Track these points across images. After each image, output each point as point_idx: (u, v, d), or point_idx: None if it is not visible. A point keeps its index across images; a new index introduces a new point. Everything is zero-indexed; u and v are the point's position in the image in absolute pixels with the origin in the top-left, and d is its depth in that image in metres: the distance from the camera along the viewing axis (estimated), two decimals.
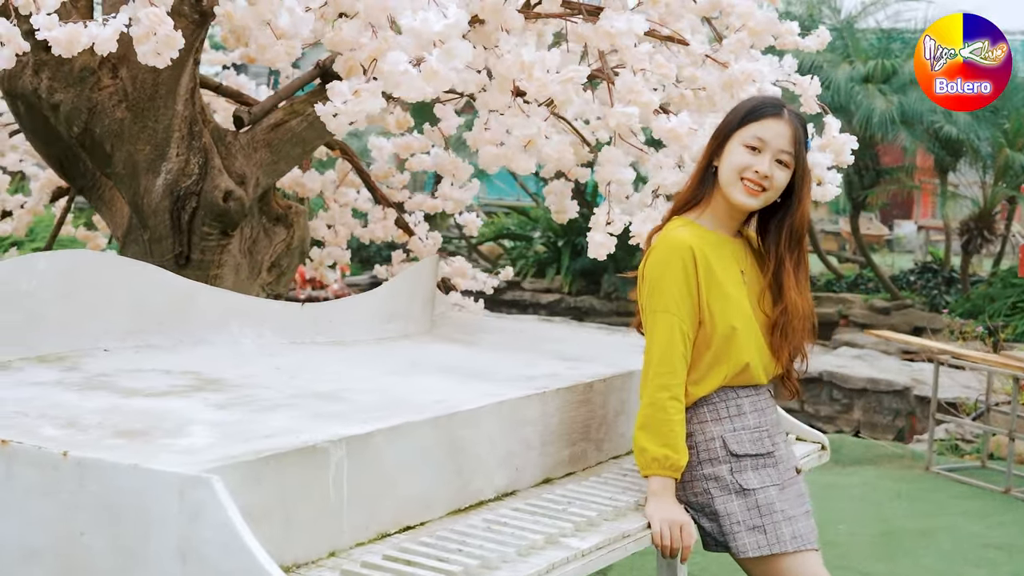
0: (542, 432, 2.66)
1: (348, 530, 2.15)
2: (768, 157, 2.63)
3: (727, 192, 2.65)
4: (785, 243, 2.70)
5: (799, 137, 2.67)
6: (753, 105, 2.69)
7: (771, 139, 2.64)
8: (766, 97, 2.75)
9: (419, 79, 2.63)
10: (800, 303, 2.69)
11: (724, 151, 2.66)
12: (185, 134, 4.11)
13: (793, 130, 2.66)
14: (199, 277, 4.18)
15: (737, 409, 2.63)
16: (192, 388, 2.47)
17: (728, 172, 2.64)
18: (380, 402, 2.47)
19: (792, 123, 2.67)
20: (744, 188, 2.64)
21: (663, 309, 2.57)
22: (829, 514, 5.31)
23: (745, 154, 2.63)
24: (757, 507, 2.58)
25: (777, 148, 2.64)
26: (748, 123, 2.65)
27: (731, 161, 2.63)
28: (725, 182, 2.65)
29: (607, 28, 3.14)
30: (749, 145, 2.63)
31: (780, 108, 2.67)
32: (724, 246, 2.68)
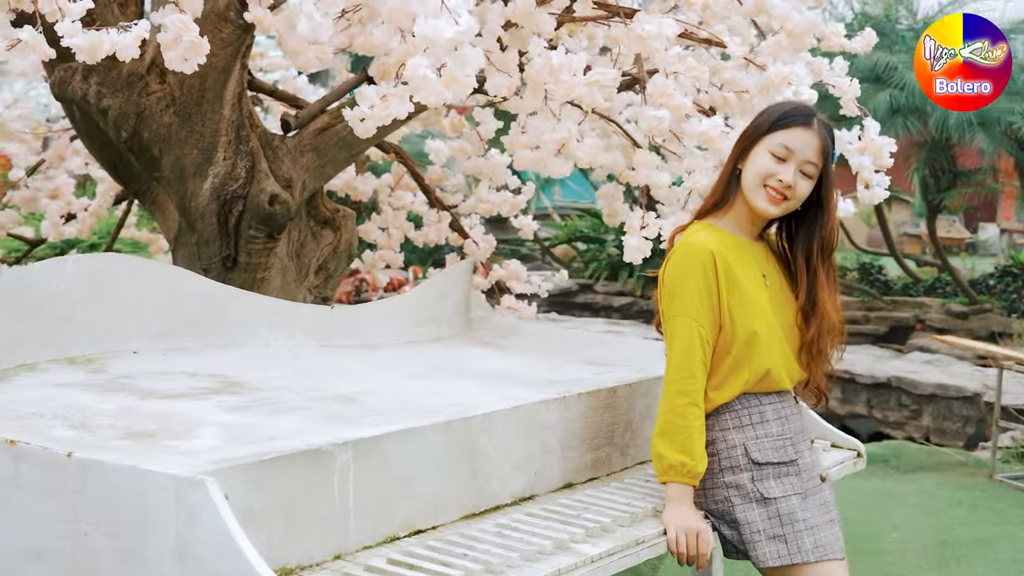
0: (562, 437, 2.65)
1: (355, 533, 2.15)
2: (793, 166, 2.60)
3: (749, 198, 2.63)
4: (818, 254, 2.67)
5: (827, 148, 2.64)
6: (783, 112, 2.65)
7: (798, 148, 2.61)
8: (797, 104, 2.71)
9: (439, 84, 2.63)
10: (835, 316, 2.66)
11: (750, 156, 2.63)
12: (232, 138, 4.16)
13: (821, 141, 2.63)
14: (246, 280, 4.24)
15: (760, 416, 2.60)
16: (210, 390, 2.50)
17: (752, 178, 2.61)
18: (395, 405, 2.48)
19: (820, 133, 2.63)
20: (767, 195, 2.61)
21: (683, 314, 2.54)
22: (884, 521, 5.24)
23: (770, 161, 2.60)
24: (778, 516, 2.54)
25: (803, 158, 2.61)
26: (776, 130, 2.62)
27: (756, 167, 2.61)
28: (748, 187, 2.62)
29: (638, 31, 3.12)
30: (775, 153, 2.60)
31: (810, 117, 2.63)
32: (745, 250, 2.65)
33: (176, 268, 2.89)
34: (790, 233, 2.73)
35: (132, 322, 2.84)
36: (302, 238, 4.46)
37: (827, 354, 2.69)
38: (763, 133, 2.64)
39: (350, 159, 4.51)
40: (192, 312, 2.92)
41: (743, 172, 2.65)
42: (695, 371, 2.53)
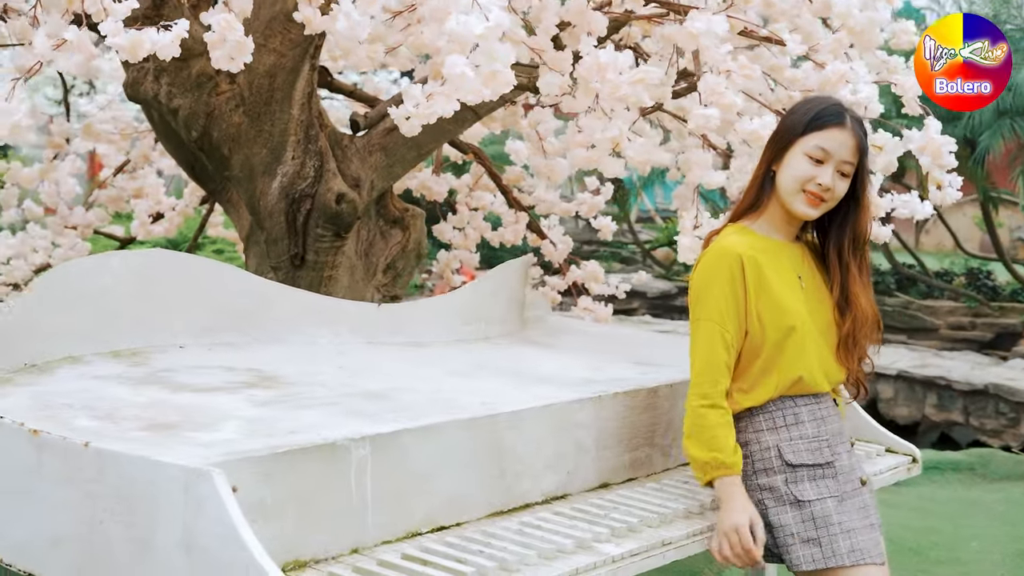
0: (597, 436, 2.64)
1: (373, 528, 2.16)
2: (831, 168, 2.57)
3: (787, 202, 2.59)
4: (849, 249, 2.63)
5: (862, 146, 2.60)
6: (816, 112, 2.61)
7: (835, 150, 2.57)
8: (827, 102, 2.66)
9: (477, 82, 2.63)
10: (869, 309, 2.62)
11: (785, 159, 2.59)
12: (301, 138, 4.22)
13: (856, 139, 2.59)
14: (313, 278, 4.29)
15: (795, 418, 2.56)
16: (245, 384, 2.53)
17: (790, 182, 2.58)
18: (425, 402, 2.49)
19: (855, 131, 2.59)
20: (806, 199, 2.58)
21: (706, 317, 2.51)
22: (964, 530, 5.11)
23: (808, 165, 2.57)
24: (812, 519, 2.49)
25: (840, 159, 2.57)
26: (811, 132, 2.58)
27: (793, 171, 2.57)
28: (786, 192, 2.58)
29: (690, 29, 3.09)
30: (812, 156, 2.56)
31: (843, 116, 2.59)
32: (780, 252, 2.61)
33: (223, 264, 2.93)
34: (823, 229, 2.68)
35: (179, 317, 2.89)
36: (371, 237, 4.50)
37: (864, 348, 2.65)
38: (798, 135, 2.59)
39: (418, 159, 4.54)
40: (239, 308, 2.96)
41: (779, 175, 2.61)
42: (717, 375, 2.50)
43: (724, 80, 3.11)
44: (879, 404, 9.65)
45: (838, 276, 2.64)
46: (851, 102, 3.24)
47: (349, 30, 2.56)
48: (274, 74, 4.17)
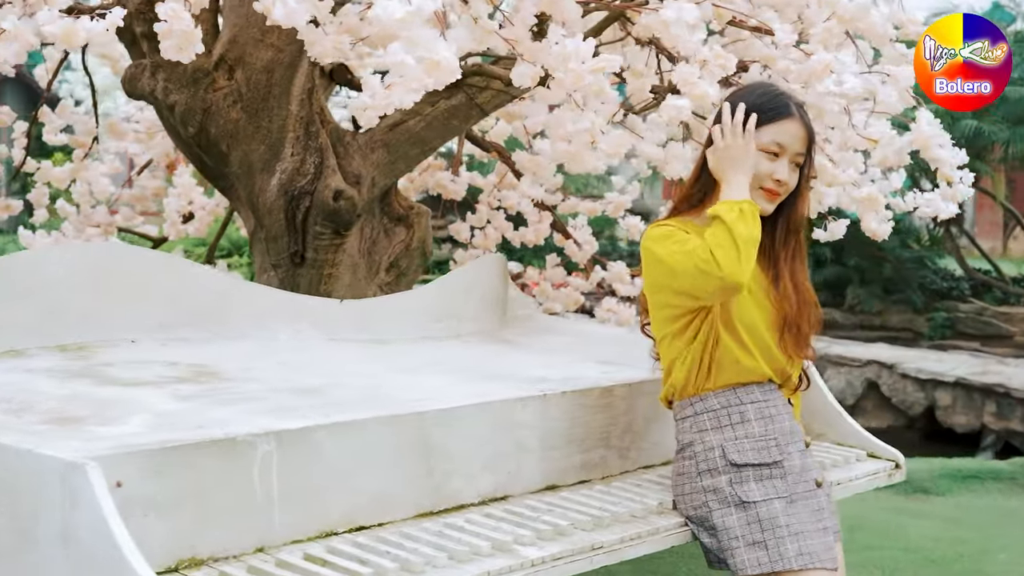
0: (543, 436, 2.55)
1: (281, 526, 2.11)
2: (786, 162, 2.49)
3: None
4: (781, 236, 2.54)
5: (811, 135, 2.51)
6: (769, 106, 2.51)
7: (789, 143, 2.50)
8: (773, 92, 2.56)
9: (419, 71, 2.57)
10: (806, 294, 2.52)
11: None
12: (301, 134, 4.18)
13: (807, 129, 2.52)
14: (313, 276, 4.26)
15: (740, 416, 2.45)
16: (177, 379, 2.49)
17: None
18: (357, 398, 2.43)
19: (804, 120, 2.52)
20: (764, 195, 2.49)
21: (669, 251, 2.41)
22: (994, 542, 4.93)
23: (765, 160, 2.48)
24: (758, 521, 2.39)
25: (794, 152, 2.50)
26: (765, 124, 2.48)
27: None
28: None
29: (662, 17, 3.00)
30: (768, 150, 2.47)
31: (791, 106, 2.51)
32: None
33: (182, 259, 2.91)
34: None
35: (134, 312, 2.86)
36: (374, 235, 4.45)
37: (807, 335, 2.55)
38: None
39: (422, 156, 4.48)
40: (199, 303, 2.93)
41: None
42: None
43: (698, 69, 3.01)
44: (936, 412, 9.40)
45: (775, 264, 2.54)
46: (836, 93, 3.13)
47: (287, 17, 2.51)
48: (272, 69, 4.14)
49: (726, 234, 2.32)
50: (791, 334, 2.52)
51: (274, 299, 3.03)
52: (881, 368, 9.66)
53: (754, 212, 2.37)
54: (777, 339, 2.50)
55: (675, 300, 2.45)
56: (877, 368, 9.69)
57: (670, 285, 2.42)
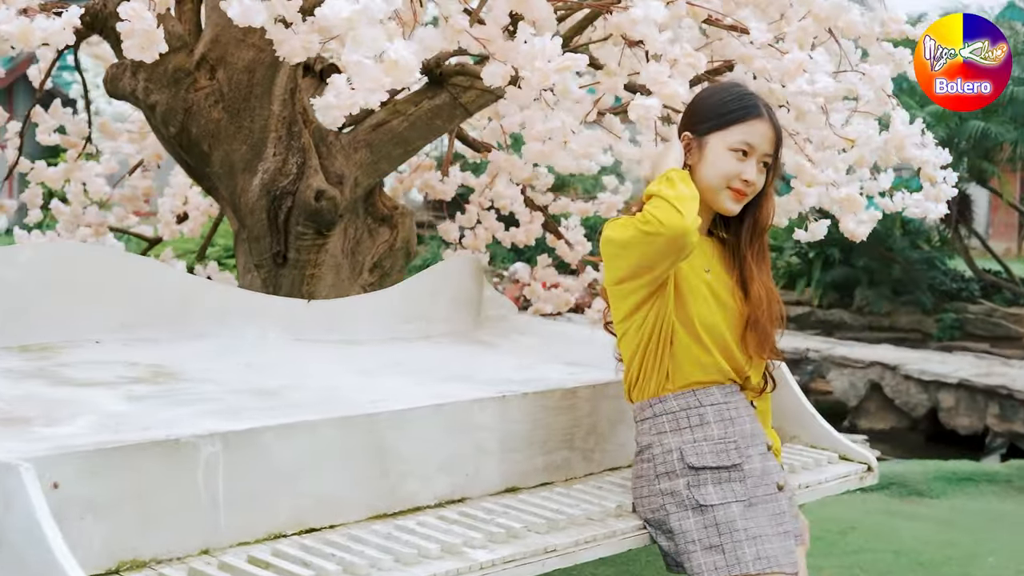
0: (503, 438, 2.53)
1: (227, 528, 2.09)
2: (755, 162, 2.47)
3: (710, 198, 2.48)
4: (747, 237, 2.53)
5: (779, 136, 2.50)
6: (738, 104, 2.49)
7: (758, 143, 2.48)
8: (740, 91, 2.55)
9: (377, 70, 2.56)
10: (769, 296, 2.50)
11: (705, 153, 2.47)
12: (283, 134, 4.17)
13: (775, 130, 2.50)
14: (296, 277, 4.24)
15: (700, 419, 2.43)
16: (134, 380, 2.48)
17: (715, 179, 2.47)
18: (313, 400, 2.41)
19: (773, 121, 2.51)
20: (732, 196, 2.47)
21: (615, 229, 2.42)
22: (984, 545, 4.90)
23: (733, 160, 2.46)
24: (715, 524, 2.36)
25: (762, 152, 2.49)
26: (733, 124, 2.47)
27: (719, 168, 2.47)
28: (709, 187, 2.47)
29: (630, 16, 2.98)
30: (737, 150, 2.45)
31: (760, 106, 2.50)
32: None
33: (150, 260, 2.90)
34: (726, 221, 2.57)
35: (99, 312, 2.85)
36: (358, 235, 4.43)
37: (771, 336, 2.53)
38: (718, 127, 2.48)
39: (405, 155, 4.46)
40: (165, 304, 2.92)
41: (699, 170, 2.49)
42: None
43: (667, 68, 2.99)
44: (939, 413, 9.34)
45: (740, 265, 2.53)
46: (808, 92, 3.10)
47: (243, 16, 2.49)
48: (253, 69, 4.13)
49: (658, 199, 2.34)
50: (754, 333, 2.50)
51: (241, 299, 3.01)
52: (884, 369, 9.61)
53: (682, 176, 2.40)
54: (739, 338, 2.48)
55: (633, 282, 2.43)
56: (880, 369, 9.64)
57: (625, 263, 2.41)
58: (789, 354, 10.36)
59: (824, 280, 15.98)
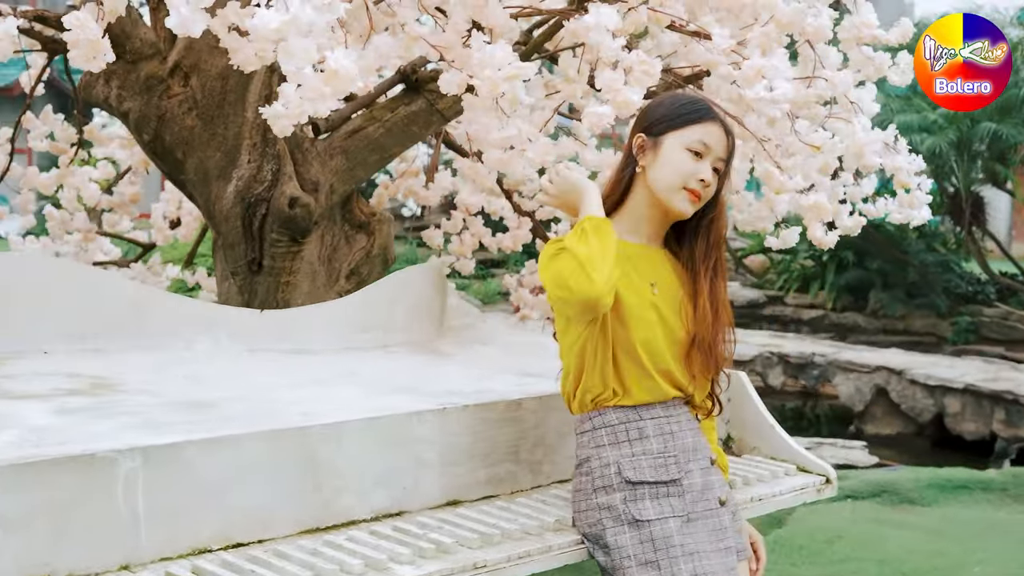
0: (443, 451, 2.51)
1: (149, 543, 2.07)
2: (709, 164, 2.43)
3: (665, 199, 2.43)
4: (702, 252, 2.48)
5: (732, 145, 2.46)
6: (695, 107, 2.47)
7: (714, 145, 2.44)
8: (694, 96, 2.53)
9: (317, 80, 2.54)
10: (710, 313, 2.44)
11: (658, 154, 2.44)
12: (257, 141, 4.16)
13: (729, 136, 2.47)
14: (271, 284, 4.24)
15: (639, 432, 2.39)
16: (69, 392, 2.46)
17: (672, 178, 2.42)
18: (247, 413, 2.39)
19: (726, 127, 2.47)
20: (688, 196, 2.43)
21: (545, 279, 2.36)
22: (973, 554, 4.84)
23: (689, 160, 2.42)
24: (651, 540, 2.33)
25: (716, 155, 2.45)
26: (690, 124, 2.44)
27: (675, 167, 2.42)
28: (666, 188, 2.43)
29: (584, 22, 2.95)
30: (693, 150, 2.42)
31: (714, 111, 2.47)
32: (633, 257, 2.45)
33: (99, 269, 2.88)
34: (680, 234, 2.53)
35: (50, 322, 2.84)
36: (335, 242, 4.42)
37: (719, 353, 2.48)
38: (672, 128, 2.45)
39: (382, 162, 4.45)
40: (116, 313, 2.90)
41: (652, 171, 2.45)
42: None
43: (621, 76, 2.96)
44: (945, 419, 9.25)
45: (694, 279, 2.48)
46: (767, 99, 3.06)
47: (181, 26, 2.47)
48: (227, 76, 4.13)
49: (570, 258, 2.27)
50: (700, 352, 2.45)
51: (194, 309, 3.00)
52: (890, 374, 9.53)
53: (597, 227, 2.32)
54: (683, 356, 2.44)
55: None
56: (886, 374, 9.56)
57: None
58: (794, 358, 10.31)
59: (838, 283, 15.86)
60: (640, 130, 2.50)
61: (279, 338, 3.04)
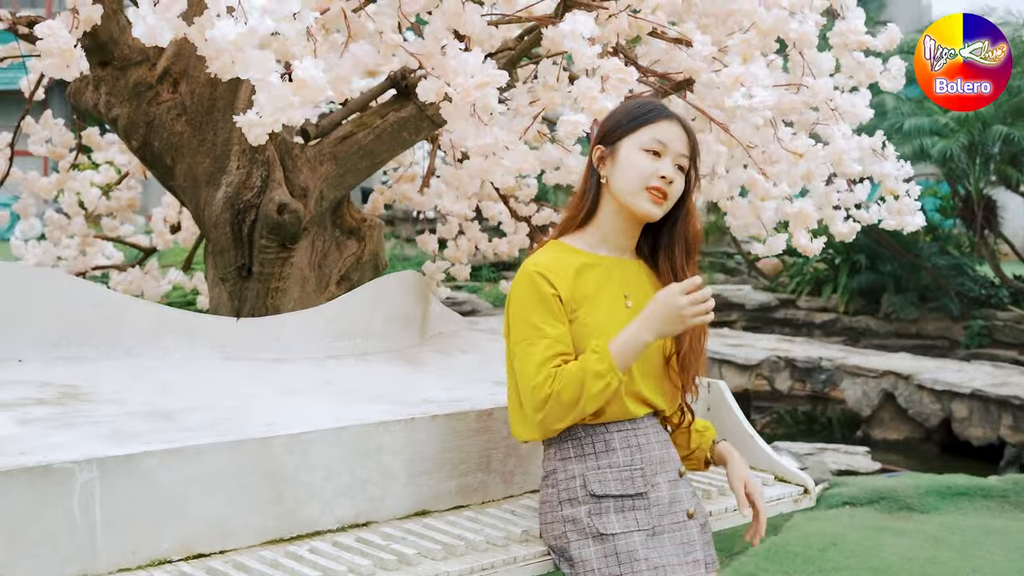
0: (410, 461, 2.50)
1: (107, 554, 2.07)
2: (670, 161, 2.40)
3: (630, 203, 2.41)
4: (682, 259, 2.46)
5: (693, 140, 2.43)
6: (646, 108, 2.45)
7: (671, 142, 2.41)
8: (649, 100, 2.51)
9: (286, 90, 2.53)
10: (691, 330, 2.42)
11: (617, 160, 2.42)
12: (247, 147, 4.16)
13: (688, 133, 2.44)
14: (260, 290, 4.23)
15: (605, 445, 2.37)
16: (36, 402, 2.46)
17: (632, 180, 2.40)
18: (211, 422, 2.38)
19: (685, 125, 2.44)
20: (650, 197, 2.40)
21: (522, 339, 2.34)
22: (970, 562, 4.80)
23: (647, 159, 2.40)
24: (615, 554, 2.31)
25: (676, 152, 2.42)
26: (643, 126, 2.42)
27: (633, 168, 2.40)
28: (628, 192, 2.41)
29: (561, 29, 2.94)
30: (649, 149, 2.40)
31: (669, 111, 2.45)
32: (605, 268, 2.43)
33: (75, 278, 2.87)
34: (654, 242, 2.51)
35: (28, 330, 2.84)
36: (325, 248, 4.41)
37: (696, 368, 2.47)
38: (628, 132, 2.43)
39: (372, 168, 4.44)
40: (92, 322, 2.90)
41: (613, 178, 2.43)
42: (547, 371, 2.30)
43: (597, 84, 2.95)
44: (953, 424, 9.19)
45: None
46: (745, 107, 3.05)
47: (148, 35, 2.47)
48: (216, 82, 4.13)
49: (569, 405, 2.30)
50: (681, 367, 2.46)
51: (173, 318, 2.99)
52: (897, 379, 9.47)
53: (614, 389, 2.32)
54: (658, 372, 2.43)
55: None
56: (893, 379, 9.50)
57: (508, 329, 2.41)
58: (801, 362, 10.26)
59: (850, 286, 15.78)
60: (598, 142, 2.48)
61: (257, 346, 3.03)
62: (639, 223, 2.47)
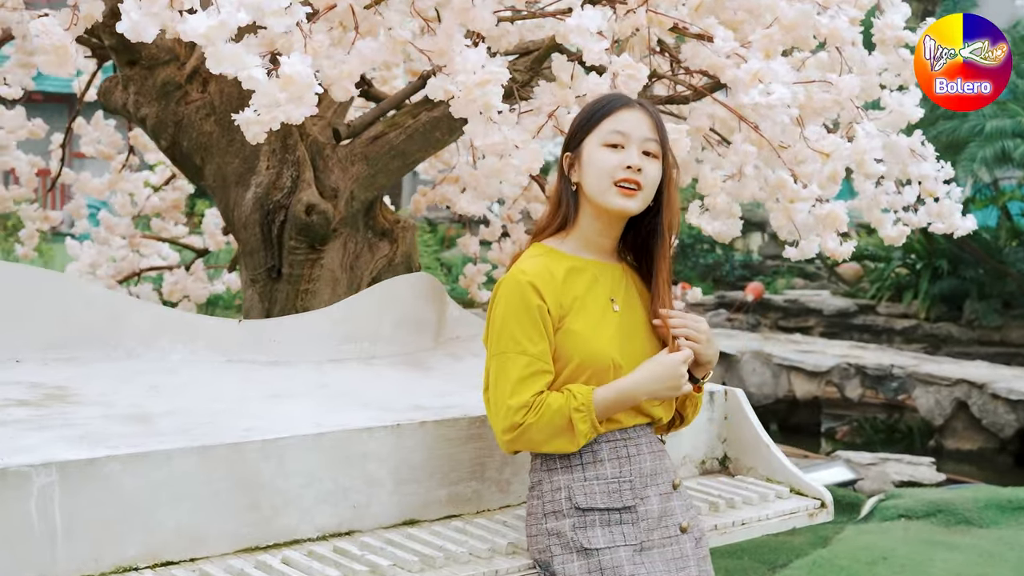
0: (396, 468, 2.42)
1: (67, 561, 2.03)
2: (635, 149, 2.30)
3: (601, 201, 2.31)
4: (661, 253, 2.36)
5: (659, 122, 2.34)
6: (602, 102, 2.36)
7: (631, 130, 2.31)
8: (607, 93, 2.41)
9: (273, 86, 2.48)
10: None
11: (582, 162, 2.33)
12: (277, 147, 4.13)
13: (651, 116, 2.34)
14: (290, 292, 4.20)
15: (592, 456, 2.27)
16: (19, 403, 2.43)
17: (598, 178, 2.30)
18: (184, 426, 2.32)
19: (648, 110, 2.34)
20: (620, 192, 2.29)
21: (503, 351, 2.25)
22: None
23: (608, 153, 2.30)
24: (600, 570, 2.21)
25: (641, 138, 2.31)
26: (599, 122, 2.32)
27: (597, 165, 2.30)
28: (597, 191, 2.31)
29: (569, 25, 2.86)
30: (610, 143, 2.30)
31: (627, 98, 2.35)
32: (591, 272, 2.34)
33: (76, 279, 2.84)
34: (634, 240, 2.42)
35: (28, 331, 2.82)
36: (358, 249, 4.36)
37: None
38: (587, 131, 2.34)
39: (404, 169, 4.39)
40: (91, 323, 2.87)
41: (583, 181, 2.34)
42: (524, 392, 2.22)
43: (608, 80, 2.86)
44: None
45: (655, 287, 2.38)
46: (764, 104, 2.93)
47: (133, 31, 2.43)
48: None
49: (537, 442, 2.24)
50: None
51: (173, 319, 2.95)
52: (971, 388, 9.19)
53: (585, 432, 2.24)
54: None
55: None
56: (967, 388, 9.22)
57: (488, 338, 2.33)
58: (872, 370, 10.00)
59: (932, 292, 15.40)
60: (565, 150, 2.39)
61: (259, 349, 2.98)
62: (620, 221, 2.37)
